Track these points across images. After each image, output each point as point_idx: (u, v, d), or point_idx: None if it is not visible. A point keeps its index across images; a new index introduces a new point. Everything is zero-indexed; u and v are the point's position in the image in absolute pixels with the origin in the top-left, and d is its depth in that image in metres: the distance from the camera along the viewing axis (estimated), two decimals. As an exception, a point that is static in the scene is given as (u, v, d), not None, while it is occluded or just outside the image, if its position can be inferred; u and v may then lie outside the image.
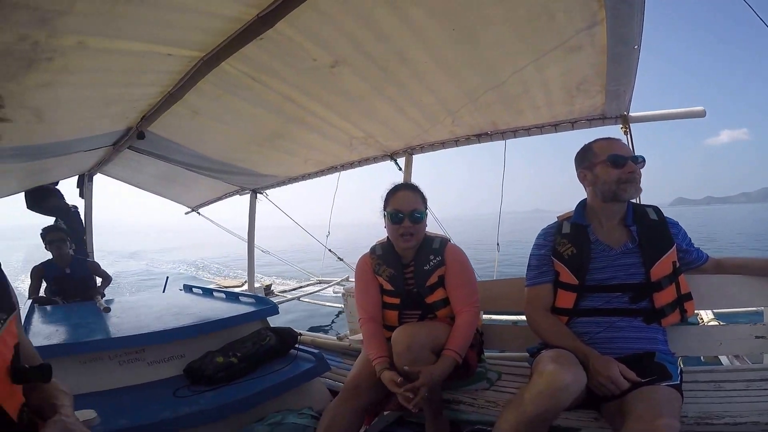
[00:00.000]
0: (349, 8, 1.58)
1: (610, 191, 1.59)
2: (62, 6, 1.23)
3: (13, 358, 0.67)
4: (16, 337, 0.70)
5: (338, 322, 6.70)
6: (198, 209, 5.73)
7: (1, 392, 0.59)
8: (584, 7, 1.57)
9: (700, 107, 2.57)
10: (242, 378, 1.93)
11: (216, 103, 2.38)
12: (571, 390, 1.22)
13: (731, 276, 1.75)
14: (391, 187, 1.87)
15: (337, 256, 5.46)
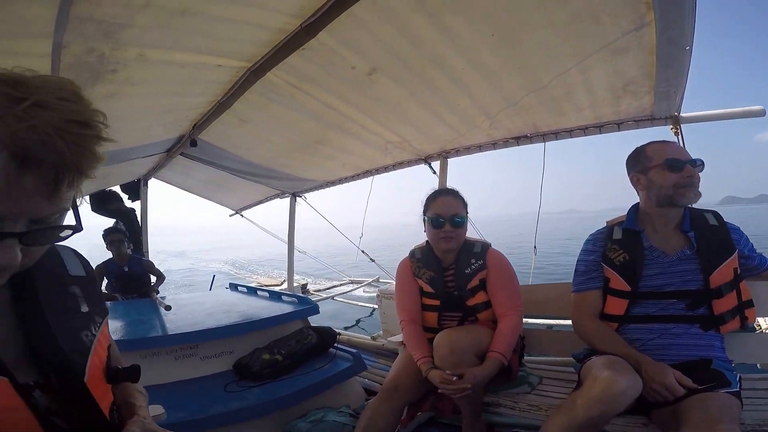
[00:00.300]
0: (387, 16, 1.59)
1: (666, 196, 1.50)
2: (124, 19, 1.30)
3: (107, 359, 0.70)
4: (108, 338, 0.74)
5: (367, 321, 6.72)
6: (241, 212, 5.90)
7: (98, 391, 0.62)
8: (631, 9, 1.53)
9: (760, 106, 2.37)
10: (286, 375, 1.97)
11: (261, 112, 2.44)
12: (627, 396, 1.18)
13: None
14: (432, 192, 1.86)
15: (369, 258, 5.46)
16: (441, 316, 1.78)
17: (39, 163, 0.45)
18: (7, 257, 0.47)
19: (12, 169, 0.44)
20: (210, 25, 1.50)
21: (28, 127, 0.44)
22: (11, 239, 0.47)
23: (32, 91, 0.46)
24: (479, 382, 1.50)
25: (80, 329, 0.64)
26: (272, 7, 1.50)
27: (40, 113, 0.45)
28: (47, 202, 0.47)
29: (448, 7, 1.55)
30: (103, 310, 0.72)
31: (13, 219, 0.46)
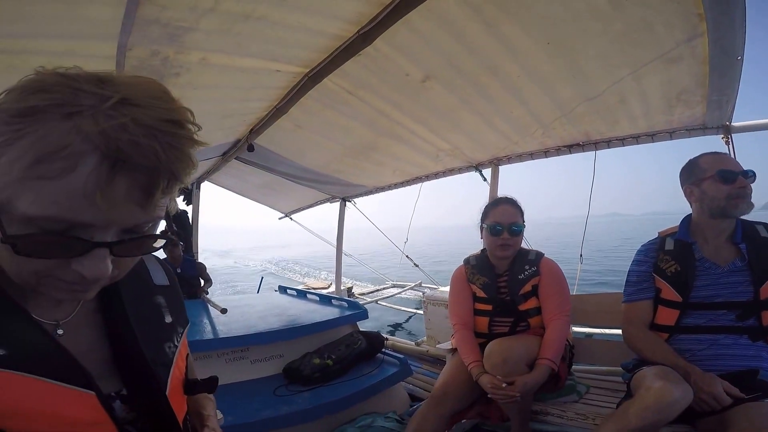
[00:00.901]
0: (442, 25, 1.59)
1: (719, 207, 1.51)
2: (189, 23, 1.29)
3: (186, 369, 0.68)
4: (186, 348, 0.71)
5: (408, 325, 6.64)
6: (291, 215, 5.97)
7: (176, 403, 0.59)
8: (684, 20, 1.53)
9: None
10: (336, 380, 1.92)
11: (316, 117, 2.44)
12: (680, 405, 1.20)
13: None
14: (492, 200, 1.91)
15: (413, 262, 5.39)
16: (492, 321, 1.78)
17: (133, 166, 0.39)
18: (97, 269, 0.42)
19: (103, 172, 0.38)
20: (271, 31, 1.50)
21: (120, 125, 0.38)
22: (102, 249, 0.42)
23: (121, 88, 0.40)
24: (529, 389, 1.51)
25: (164, 340, 0.62)
26: (330, 14, 1.50)
27: (133, 111, 0.39)
28: (140, 209, 0.42)
29: (505, 16, 1.54)
30: (185, 320, 0.70)
31: (103, 227, 0.41)
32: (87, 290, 0.45)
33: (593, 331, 3.54)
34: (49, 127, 0.38)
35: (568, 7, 1.51)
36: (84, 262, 0.42)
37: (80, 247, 0.41)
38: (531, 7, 1.51)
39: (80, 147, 0.38)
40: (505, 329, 1.76)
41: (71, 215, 0.39)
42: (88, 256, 0.41)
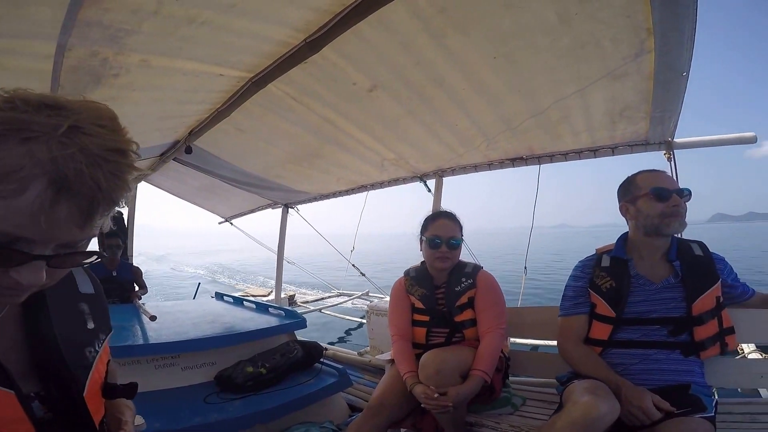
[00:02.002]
0: (391, 35, 1.62)
1: (652, 225, 1.54)
2: (132, 25, 1.30)
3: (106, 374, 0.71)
4: (109, 354, 0.75)
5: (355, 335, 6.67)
6: (231, 220, 5.84)
7: (93, 406, 0.63)
8: (633, 35, 1.56)
9: (751, 133, 2.44)
10: (269, 389, 1.94)
11: (260, 122, 2.44)
12: (605, 421, 1.22)
13: None
14: (431, 214, 1.97)
15: (359, 271, 5.44)
16: (429, 331, 1.85)
17: (75, 193, 0.45)
18: (33, 278, 0.48)
19: (48, 196, 0.44)
20: (215, 35, 1.51)
21: (69, 155, 0.44)
22: (39, 261, 0.47)
23: (71, 114, 0.46)
24: (462, 399, 1.54)
25: (85, 345, 0.66)
26: (278, 21, 1.52)
27: (82, 139, 0.45)
28: (79, 230, 0.48)
29: (453, 29, 1.58)
30: (107, 327, 0.75)
31: (43, 243, 0.47)
32: (20, 295, 0.51)
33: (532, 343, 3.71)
34: (6, 150, 0.44)
35: (517, 21, 1.54)
36: (22, 271, 0.47)
37: (20, 259, 0.46)
38: (480, 20, 1.55)
39: (31, 171, 0.43)
40: (441, 340, 1.82)
41: (17, 231, 0.44)
42: (27, 266, 0.47)
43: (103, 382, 0.69)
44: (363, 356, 3.38)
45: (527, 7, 1.45)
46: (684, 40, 1.56)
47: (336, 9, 1.47)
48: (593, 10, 1.44)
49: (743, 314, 1.66)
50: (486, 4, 1.45)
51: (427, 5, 1.44)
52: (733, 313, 1.61)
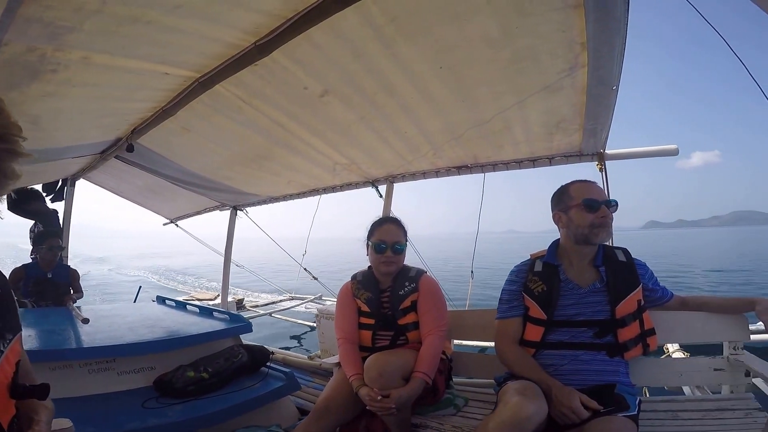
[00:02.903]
0: (343, 42, 1.66)
1: (582, 235, 1.64)
2: (73, 23, 1.28)
3: (14, 374, 0.70)
4: (18, 354, 0.74)
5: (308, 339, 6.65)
6: (176, 221, 5.67)
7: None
8: (568, 50, 1.66)
9: (674, 145, 2.69)
10: (212, 393, 1.93)
11: (207, 122, 2.42)
12: (533, 421, 1.28)
13: (694, 312, 1.83)
14: (377, 219, 2.04)
15: (312, 276, 5.44)
16: (375, 334, 1.90)
17: None
18: None
19: None
20: (161, 35, 1.50)
21: None
22: None
23: None
24: (404, 401, 1.60)
25: None
26: (227, 23, 1.52)
27: None
28: None
29: (403, 38, 1.63)
30: (15, 327, 0.74)
31: None
32: None
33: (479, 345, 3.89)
34: None
35: (462, 32, 1.60)
36: None
37: None
38: (428, 31, 1.59)
39: None
40: (386, 342, 1.89)
41: None
42: None
43: (11, 382, 0.68)
44: (313, 360, 3.41)
45: (472, 19, 1.52)
46: (614, 55, 1.68)
47: (287, 14, 1.49)
48: (533, 24, 1.53)
49: (665, 316, 1.80)
50: (434, 15, 1.51)
51: (378, 14, 1.48)
52: (654, 315, 1.73)
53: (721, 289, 13.68)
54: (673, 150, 2.68)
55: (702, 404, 1.73)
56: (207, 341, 2.21)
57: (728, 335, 1.80)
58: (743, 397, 1.74)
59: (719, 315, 1.80)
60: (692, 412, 1.68)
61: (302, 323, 6.69)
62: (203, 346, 2.19)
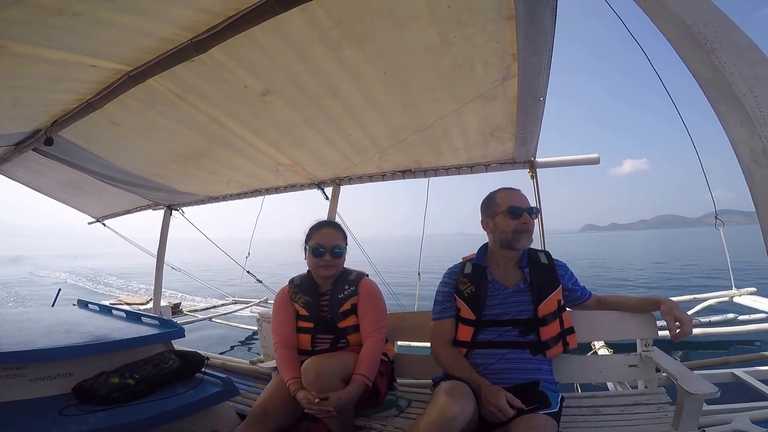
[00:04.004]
0: (287, 43, 1.68)
1: (506, 240, 1.77)
2: None
3: None
4: None
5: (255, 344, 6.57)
6: (104, 220, 5.37)
7: None
8: (501, 60, 1.77)
9: (596, 154, 2.95)
10: (140, 400, 1.89)
11: (137, 117, 2.36)
12: (459, 420, 1.35)
13: (611, 312, 1.98)
14: (315, 223, 2.06)
15: (256, 279, 5.37)
16: (314, 338, 1.93)
17: None
18: None
19: None
20: (88, 27, 1.47)
21: None
22: None
23: None
24: (343, 404, 1.63)
25: None
26: (162, 18, 1.51)
27: None
28: None
29: (348, 42, 1.68)
30: None
31: None
32: None
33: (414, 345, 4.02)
34: None
35: (404, 39, 1.66)
36: None
37: None
38: (373, 36, 1.64)
39: None
40: (326, 346, 1.92)
41: None
42: None
43: None
44: (256, 365, 3.39)
45: (414, 27, 1.59)
46: (542, 67, 1.79)
47: (228, 12, 1.51)
48: (469, 34, 1.62)
49: (584, 315, 1.96)
50: (378, 21, 1.57)
51: (325, 17, 1.53)
52: (576, 314, 1.90)
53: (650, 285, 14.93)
54: (594, 159, 2.95)
55: (620, 399, 1.87)
56: (133, 347, 2.16)
57: (639, 333, 1.97)
58: (656, 392, 1.90)
59: (632, 314, 1.97)
60: (612, 407, 1.80)
61: (246, 328, 6.59)
62: (129, 352, 2.13)
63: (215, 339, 6.91)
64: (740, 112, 0.83)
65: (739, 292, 5.71)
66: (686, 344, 5.53)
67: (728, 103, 0.85)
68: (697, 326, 5.23)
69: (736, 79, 0.83)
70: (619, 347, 3.57)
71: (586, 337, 2.00)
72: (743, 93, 0.82)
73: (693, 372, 1.68)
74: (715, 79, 0.86)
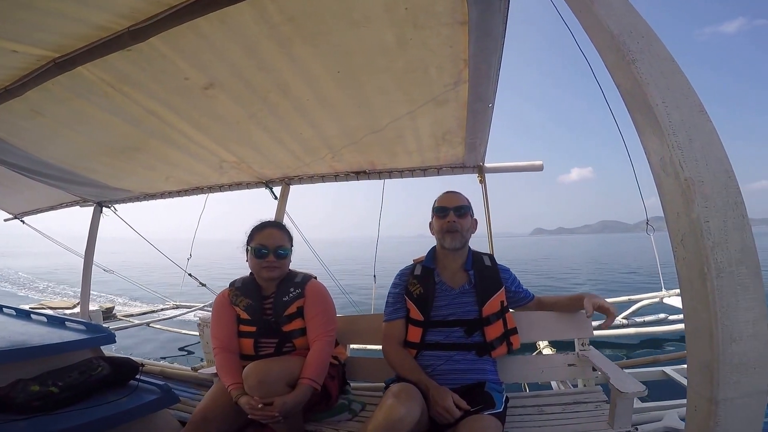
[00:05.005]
0: (234, 36, 1.65)
1: (438, 240, 1.88)
2: None
3: None
4: None
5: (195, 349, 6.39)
6: (23, 217, 5.00)
7: None
8: (453, 64, 1.81)
9: (540, 161, 3.14)
10: (65, 408, 1.79)
11: (64, 107, 2.23)
12: (405, 422, 1.38)
13: (550, 312, 2.09)
14: (258, 223, 2.02)
15: (199, 282, 5.20)
16: (257, 342, 1.90)
17: None
18: None
19: None
20: (11, 10, 1.40)
21: None
22: None
23: None
24: (289, 408, 1.61)
25: None
26: (96, 4, 1.45)
27: None
28: None
29: (301, 39, 1.67)
30: None
31: None
32: None
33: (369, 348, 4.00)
34: None
35: (360, 39, 1.67)
36: None
37: None
38: (327, 34, 1.64)
39: None
40: (270, 350, 1.90)
41: None
42: None
43: None
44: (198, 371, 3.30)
45: (370, 26, 1.60)
46: (491, 74, 1.85)
47: (172, 2, 1.47)
48: (425, 37, 1.65)
49: (525, 316, 2.05)
50: (333, 19, 1.58)
51: (276, 12, 1.52)
52: (519, 315, 1.99)
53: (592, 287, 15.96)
54: (538, 166, 3.14)
55: (562, 398, 1.95)
56: (55, 353, 2.04)
57: (576, 333, 2.08)
58: (593, 390, 2.01)
59: (569, 313, 2.09)
60: (554, 406, 1.89)
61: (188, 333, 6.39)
62: (51, 358, 2.02)
63: (155, 345, 6.68)
64: (653, 121, 0.90)
65: (668, 293, 6.23)
66: (623, 344, 5.91)
67: (643, 113, 0.93)
68: (633, 326, 5.66)
69: (651, 89, 0.90)
70: (561, 347, 3.75)
71: (528, 338, 2.09)
72: (656, 103, 0.89)
73: (624, 371, 1.77)
74: (634, 89, 0.93)
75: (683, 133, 0.88)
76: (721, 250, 0.86)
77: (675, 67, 0.93)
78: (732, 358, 0.86)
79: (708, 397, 0.88)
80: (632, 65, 0.92)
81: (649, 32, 0.96)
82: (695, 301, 0.90)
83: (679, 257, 0.93)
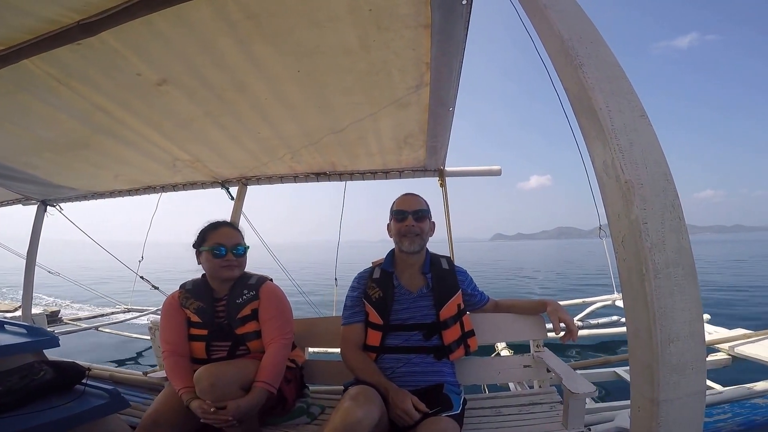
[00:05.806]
0: (189, 32, 1.64)
1: (396, 243, 1.90)
2: None
3: None
4: None
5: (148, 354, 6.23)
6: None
7: None
8: (415, 67, 1.83)
9: (498, 166, 3.24)
10: (8, 413, 1.74)
11: (6, 100, 2.14)
12: (363, 425, 1.37)
13: (507, 315, 2.12)
14: (210, 224, 1.98)
15: (151, 285, 5.07)
16: (209, 346, 1.87)
17: None
18: None
19: None
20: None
21: None
22: None
23: None
24: (243, 412, 1.60)
25: None
26: None
27: None
28: None
29: (260, 37, 1.66)
30: None
31: None
32: None
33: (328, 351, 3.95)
34: None
35: (323, 39, 1.66)
36: None
37: None
38: (288, 33, 1.63)
39: None
40: (223, 354, 1.86)
41: None
42: None
43: None
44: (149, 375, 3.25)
45: (333, 27, 1.61)
46: (453, 78, 1.87)
47: None
48: (388, 39, 1.67)
49: (483, 318, 2.07)
50: (294, 19, 1.58)
51: (235, 9, 1.50)
52: (476, 317, 2.01)
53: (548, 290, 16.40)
54: (497, 170, 3.26)
55: (519, 399, 1.98)
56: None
57: (531, 334, 2.12)
58: (548, 391, 2.05)
59: (524, 316, 2.12)
60: (511, 407, 1.92)
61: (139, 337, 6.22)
62: (-14, 363, 1.94)
63: (104, 349, 6.49)
64: (596, 125, 0.93)
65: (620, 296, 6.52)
66: (578, 345, 6.09)
67: (588, 117, 0.95)
68: (587, 328, 5.85)
69: (596, 93, 0.92)
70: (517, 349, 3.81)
71: (485, 340, 2.11)
72: (600, 107, 0.91)
73: (576, 372, 1.81)
74: (580, 93, 0.95)
75: (625, 137, 0.91)
76: (658, 251, 0.87)
77: (620, 72, 0.96)
78: (671, 358, 0.87)
79: (650, 398, 0.89)
80: (579, 69, 0.94)
81: (597, 38, 0.98)
82: (636, 301, 0.92)
83: (620, 258, 0.95)
